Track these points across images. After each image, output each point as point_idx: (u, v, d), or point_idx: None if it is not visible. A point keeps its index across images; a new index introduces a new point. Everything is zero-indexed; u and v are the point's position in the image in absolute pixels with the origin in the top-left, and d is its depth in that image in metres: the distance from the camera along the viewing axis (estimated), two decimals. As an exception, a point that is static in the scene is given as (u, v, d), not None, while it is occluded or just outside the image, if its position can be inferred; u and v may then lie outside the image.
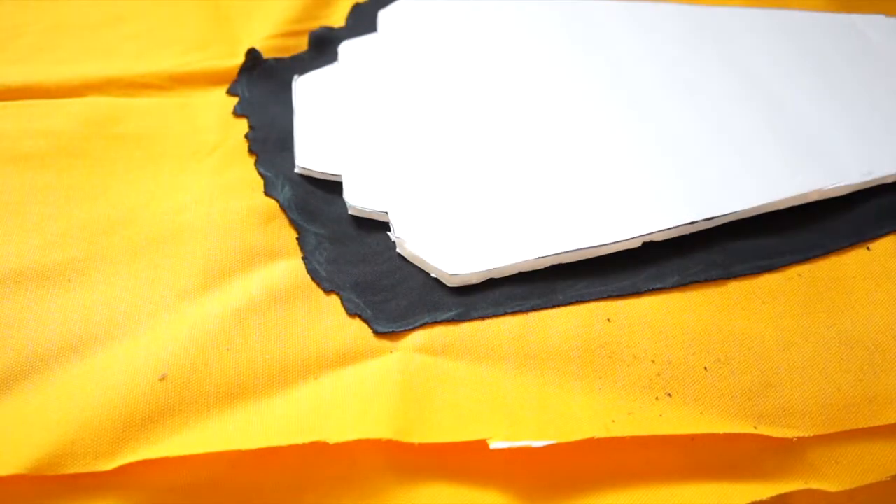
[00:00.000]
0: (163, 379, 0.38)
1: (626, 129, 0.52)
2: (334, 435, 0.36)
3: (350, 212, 0.47)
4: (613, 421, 0.37)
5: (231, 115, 0.54)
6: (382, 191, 0.48)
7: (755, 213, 0.47)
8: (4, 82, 0.54)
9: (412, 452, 0.36)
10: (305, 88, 0.55)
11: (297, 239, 0.46)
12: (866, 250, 0.46)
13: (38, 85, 0.54)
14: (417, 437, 0.36)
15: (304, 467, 0.36)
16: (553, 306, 0.43)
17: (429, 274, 0.44)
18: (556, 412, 0.38)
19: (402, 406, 0.37)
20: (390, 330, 0.41)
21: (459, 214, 0.46)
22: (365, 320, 0.42)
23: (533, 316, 0.42)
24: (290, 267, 0.44)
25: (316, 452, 0.36)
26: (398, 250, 0.45)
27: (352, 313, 0.42)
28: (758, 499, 0.35)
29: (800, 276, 0.45)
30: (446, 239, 0.45)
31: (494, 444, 0.36)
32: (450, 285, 0.43)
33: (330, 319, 0.42)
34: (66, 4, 0.61)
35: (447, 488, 0.36)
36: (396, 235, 0.45)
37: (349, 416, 0.37)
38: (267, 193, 0.48)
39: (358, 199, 0.47)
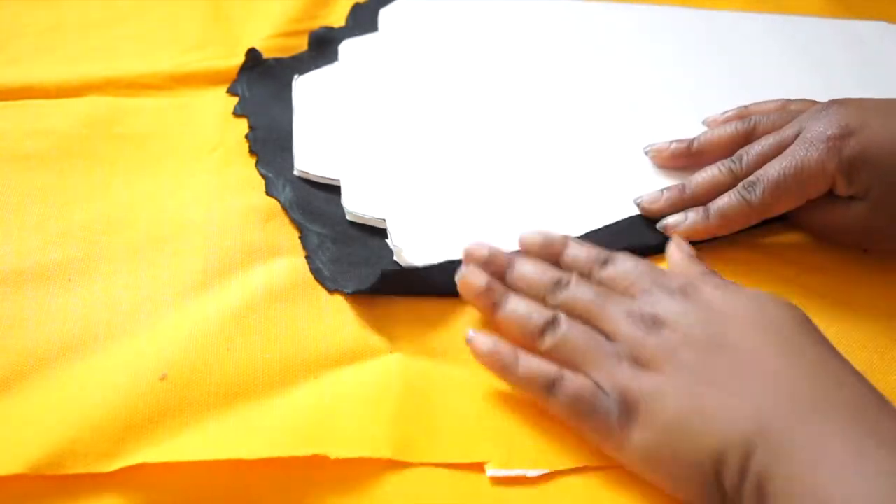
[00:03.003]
0: (163, 378, 0.38)
1: (627, 137, 0.52)
2: (335, 449, 0.36)
3: (348, 217, 0.47)
4: None
5: (231, 115, 0.54)
6: (381, 198, 0.48)
7: None
8: (4, 82, 0.54)
9: (412, 452, 0.37)
10: (305, 88, 0.55)
11: (300, 238, 0.46)
12: (864, 253, 0.46)
13: (38, 85, 0.54)
14: (417, 457, 0.36)
15: (305, 468, 0.36)
16: None
17: None
18: (552, 431, 0.38)
19: (402, 421, 0.37)
20: (385, 273, 0.42)
21: (458, 224, 0.46)
22: (364, 290, 0.42)
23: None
24: (290, 265, 0.44)
25: (316, 456, 0.36)
26: (395, 258, 0.45)
27: (351, 292, 0.43)
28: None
29: (798, 277, 0.45)
30: (444, 249, 0.45)
31: (491, 472, 0.36)
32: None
33: (330, 318, 0.42)
34: (66, 4, 0.61)
35: (448, 485, 0.36)
36: (394, 244, 0.45)
37: (350, 428, 0.37)
38: (268, 193, 0.48)
39: (356, 205, 0.47)
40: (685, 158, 0.49)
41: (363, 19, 0.61)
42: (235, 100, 0.55)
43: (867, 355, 0.41)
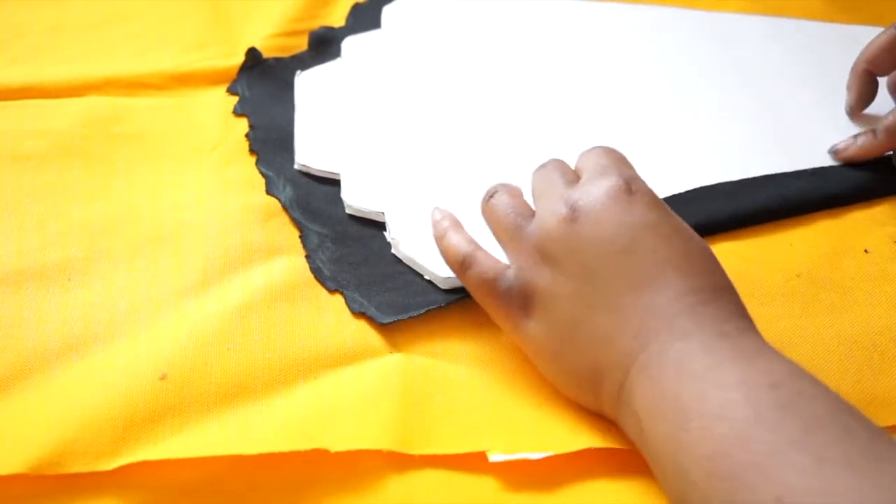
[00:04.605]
0: (163, 378, 0.38)
1: (627, 137, 0.52)
2: (335, 443, 0.36)
3: (347, 210, 0.47)
4: (610, 428, 0.37)
5: (231, 115, 0.54)
6: (380, 191, 0.48)
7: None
8: (4, 82, 0.54)
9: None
10: (308, 84, 0.55)
11: (300, 237, 0.46)
12: (864, 253, 0.46)
13: (38, 85, 0.54)
14: (417, 449, 0.36)
15: (304, 466, 0.36)
16: None
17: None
18: (554, 418, 0.38)
19: (402, 414, 0.37)
20: (396, 319, 0.41)
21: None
22: (370, 317, 0.42)
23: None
24: (290, 264, 0.44)
25: (316, 452, 0.36)
26: (393, 251, 0.45)
27: (356, 312, 0.42)
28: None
29: (798, 277, 0.45)
30: None
31: (493, 457, 0.36)
32: (442, 287, 0.43)
33: (330, 317, 0.42)
34: (66, 4, 0.61)
35: (447, 484, 0.36)
36: (392, 237, 0.45)
37: (350, 423, 0.37)
38: (269, 192, 0.48)
39: (356, 198, 0.47)
40: (877, 149, 0.50)
41: (363, 19, 0.61)
42: (235, 99, 0.55)
43: (867, 355, 0.41)
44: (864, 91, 0.53)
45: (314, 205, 0.48)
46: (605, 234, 0.36)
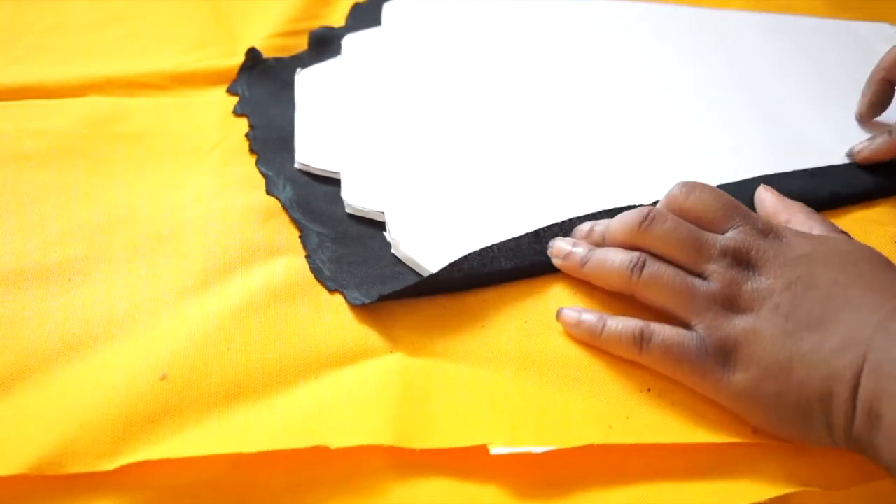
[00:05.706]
0: (163, 378, 0.38)
1: (626, 133, 0.52)
2: (336, 439, 0.36)
3: (347, 210, 0.47)
4: (611, 427, 0.37)
5: (231, 115, 0.54)
6: (380, 191, 0.48)
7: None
8: (4, 82, 0.54)
9: (413, 451, 0.36)
10: (308, 82, 0.55)
11: (300, 237, 0.46)
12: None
13: (38, 85, 0.54)
14: (418, 443, 0.36)
15: (306, 466, 0.36)
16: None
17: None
18: (555, 416, 0.38)
19: (403, 410, 0.37)
20: (389, 291, 0.42)
21: (456, 218, 0.47)
22: (368, 303, 0.42)
23: (533, 318, 0.42)
24: (290, 264, 0.44)
25: (317, 452, 0.36)
26: (393, 251, 0.45)
27: (356, 304, 0.42)
28: (757, 499, 0.35)
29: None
30: (441, 243, 0.45)
31: (495, 450, 0.36)
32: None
33: (330, 317, 0.42)
34: (66, 4, 0.61)
35: (448, 485, 0.36)
36: (392, 237, 0.45)
37: (350, 419, 0.37)
38: (269, 192, 0.48)
39: (356, 198, 0.47)
40: (892, 150, 0.50)
41: (363, 19, 0.61)
42: (235, 99, 0.55)
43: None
44: (878, 98, 0.53)
45: (314, 205, 0.48)
46: (787, 278, 0.38)
